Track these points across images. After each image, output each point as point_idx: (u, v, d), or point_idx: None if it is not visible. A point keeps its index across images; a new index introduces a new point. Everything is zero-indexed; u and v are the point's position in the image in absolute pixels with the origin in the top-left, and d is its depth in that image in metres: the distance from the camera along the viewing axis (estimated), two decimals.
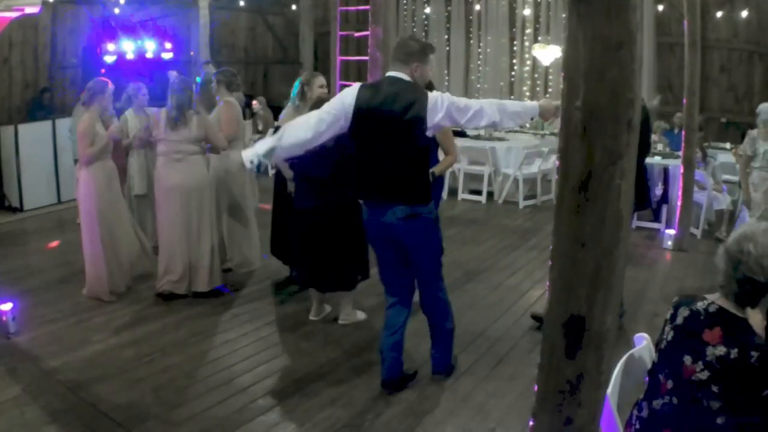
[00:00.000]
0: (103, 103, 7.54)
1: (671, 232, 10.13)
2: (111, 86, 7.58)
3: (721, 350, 2.98)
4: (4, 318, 6.50)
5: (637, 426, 3.36)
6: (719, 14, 14.57)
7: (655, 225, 11.05)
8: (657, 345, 3.37)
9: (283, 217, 7.65)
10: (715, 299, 3.15)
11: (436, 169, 6.51)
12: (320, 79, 7.60)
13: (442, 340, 5.90)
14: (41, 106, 13.14)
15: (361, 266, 6.96)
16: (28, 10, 10.24)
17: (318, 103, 6.00)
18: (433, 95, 5.15)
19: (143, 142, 8.05)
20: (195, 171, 7.53)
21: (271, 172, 15.16)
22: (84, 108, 7.55)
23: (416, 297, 5.76)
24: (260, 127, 15.44)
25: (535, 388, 3.04)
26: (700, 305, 3.17)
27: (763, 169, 8.51)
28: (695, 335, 3.09)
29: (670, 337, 3.24)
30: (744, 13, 14.39)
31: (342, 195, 6.51)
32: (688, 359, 3.07)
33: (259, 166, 5.09)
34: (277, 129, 7.15)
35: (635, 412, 3.43)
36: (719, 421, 2.96)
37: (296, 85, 7.70)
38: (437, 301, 5.75)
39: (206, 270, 7.61)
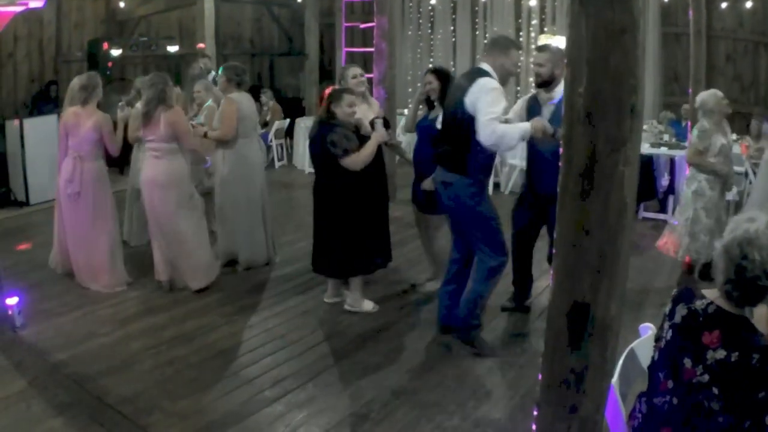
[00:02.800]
0: (100, 96, 7.53)
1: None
2: (100, 78, 7.59)
3: (720, 354, 2.91)
4: (10, 312, 6.50)
5: (640, 420, 3.33)
6: (724, 5, 14.50)
7: (661, 216, 11.00)
8: (657, 341, 3.33)
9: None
10: (714, 298, 3.06)
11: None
12: (352, 70, 7.57)
13: (465, 298, 6.18)
14: (48, 98, 13.13)
15: (359, 257, 6.89)
16: (33, 4, 10.22)
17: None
18: (478, 83, 5.76)
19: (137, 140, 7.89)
20: (174, 169, 7.41)
21: (279, 163, 15.21)
22: (82, 107, 7.42)
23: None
24: (267, 118, 15.42)
25: (540, 377, 3.03)
26: (698, 304, 3.08)
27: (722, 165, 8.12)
28: (694, 337, 3.03)
29: (669, 336, 3.18)
30: (749, 4, 14.33)
31: (336, 182, 6.70)
32: (688, 362, 3.02)
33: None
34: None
35: (637, 405, 3.40)
36: (720, 420, 2.93)
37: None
38: (479, 263, 6.09)
39: (190, 268, 7.64)
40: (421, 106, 7.35)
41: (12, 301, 6.53)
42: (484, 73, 5.86)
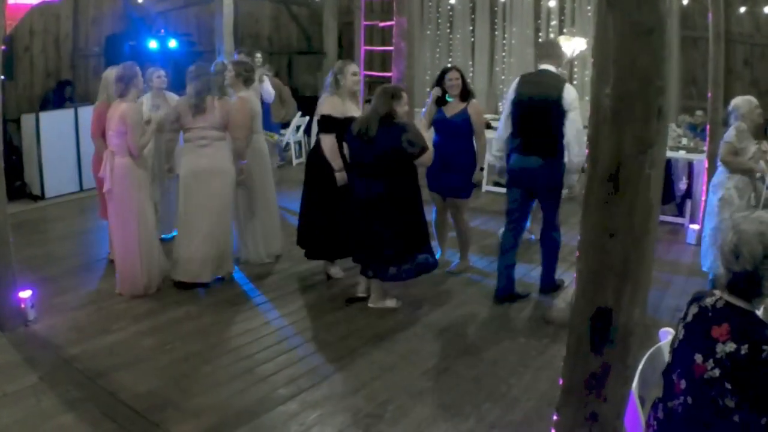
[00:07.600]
0: (139, 86, 7.30)
1: (695, 227, 10.03)
2: (138, 68, 7.35)
3: (730, 347, 2.89)
4: (22, 305, 6.49)
5: (655, 427, 3.30)
6: (742, 9, 14.42)
7: (678, 219, 10.95)
8: (671, 345, 3.31)
9: (315, 208, 7.60)
10: (723, 294, 3.08)
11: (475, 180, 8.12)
12: (352, 67, 7.52)
13: (549, 262, 7.56)
14: (62, 98, 13.12)
15: (398, 259, 6.85)
16: None
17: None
18: (567, 86, 6.90)
19: (174, 131, 7.68)
20: (221, 155, 7.49)
21: (297, 161, 15.21)
22: (121, 99, 7.14)
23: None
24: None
25: (560, 381, 3.00)
26: (708, 301, 3.10)
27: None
28: (704, 332, 3.02)
29: (681, 336, 3.19)
30: (767, 9, 14.23)
31: (401, 181, 6.77)
32: (698, 357, 3.00)
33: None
34: (323, 118, 7.23)
35: (652, 412, 3.37)
36: (735, 419, 2.89)
37: (329, 75, 7.61)
38: (554, 230, 7.46)
39: (229, 256, 7.69)
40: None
41: (25, 294, 6.52)
42: (560, 77, 7.12)
